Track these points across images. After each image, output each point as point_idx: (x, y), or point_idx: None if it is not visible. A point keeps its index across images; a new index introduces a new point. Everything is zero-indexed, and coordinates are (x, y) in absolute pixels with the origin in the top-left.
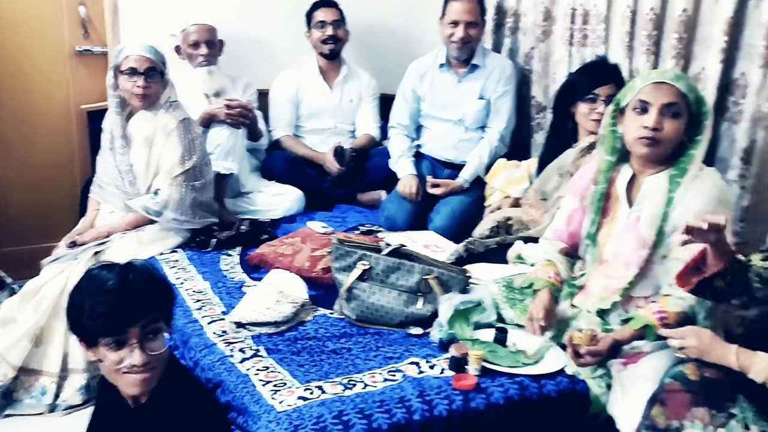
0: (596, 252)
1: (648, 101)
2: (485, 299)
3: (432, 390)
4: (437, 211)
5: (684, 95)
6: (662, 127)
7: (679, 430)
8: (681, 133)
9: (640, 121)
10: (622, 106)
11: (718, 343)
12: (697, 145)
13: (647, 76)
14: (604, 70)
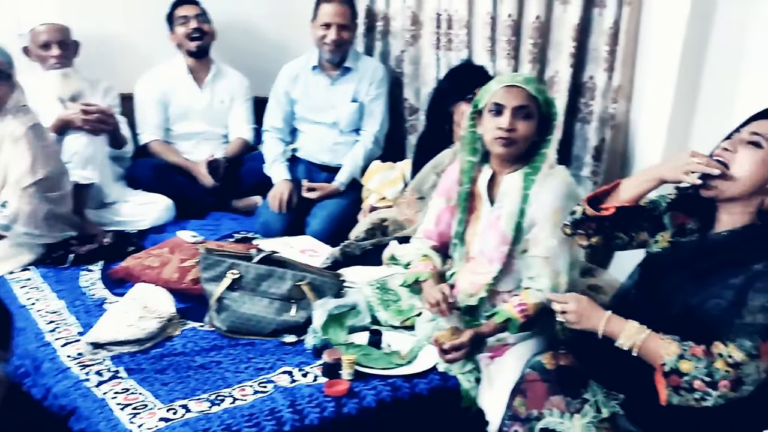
0: (464, 250)
1: (502, 104)
2: (359, 302)
3: (303, 399)
4: (314, 215)
5: (534, 98)
6: (516, 128)
7: (539, 419)
8: (533, 133)
9: (496, 122)
10: (480, 108)
11: (595, 309)
12: (548, 145)
13: (500, 80)
14: (477, 71)
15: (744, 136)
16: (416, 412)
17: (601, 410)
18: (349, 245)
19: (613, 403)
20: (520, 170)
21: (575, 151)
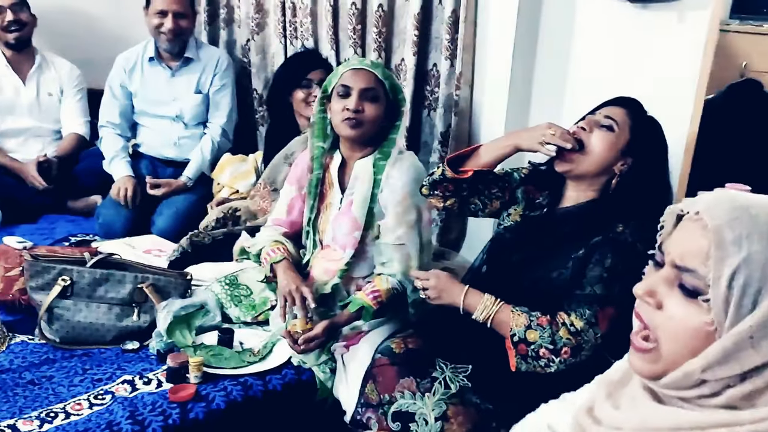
0: (317, 238)
1: (349, 86)
2: (208, 301)
3: (146, 408)
4: (160, 213)
5: (381, 82)
6: (363, 110)
7: (391, 403)
8: (380, 116)
9: (343, 103)
10: (329, 93)
11: (454, 285)
12: (397, 130)
13: (348, 64)
14: (311, 56)
15: (599, 119)
16: (270, 409)
17: (450, 386)
18: (198, 234)
19: (461, 377)
20: (370, 155)
21: (423, 138)
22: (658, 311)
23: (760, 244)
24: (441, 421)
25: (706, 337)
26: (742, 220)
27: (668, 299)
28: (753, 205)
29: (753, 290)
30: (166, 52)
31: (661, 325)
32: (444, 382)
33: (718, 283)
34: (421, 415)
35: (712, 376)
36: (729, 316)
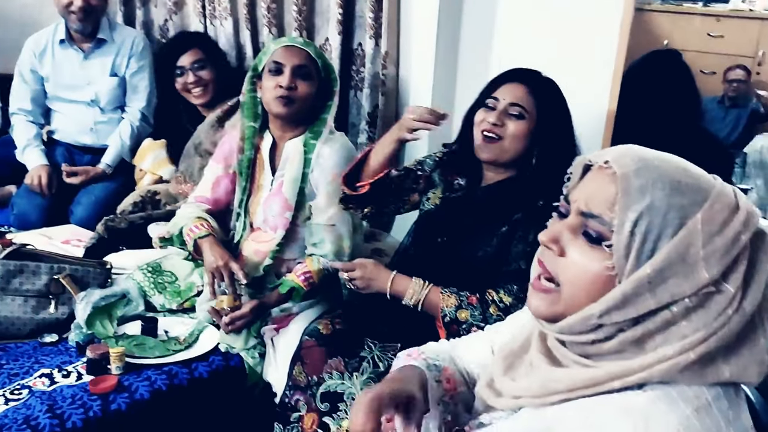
0: (247, 220)
1: (281, 62)
2: (130, 289)
3: (65, 401)
4: (78, 202)
5: (313, 60)
6: (296, 87)
7: (320, 384)
8: (313, 94)
9: (276, 81)
10: (259, 72)
11: (381, 272)
12: (329, 110)
13: (279, 41)
14: (178, 41)
15: (505, 108)
16: (197, 397)
17: (379, 365)
18: (114, 219)
19: (390, 355)
20: (301, 136)
21: (351, 119)
22: (561, 258)
23: (662, 192)
24: None
25: (606, 283)
26: (648, 169)
27: (571, 246)
28: (657, 158)
29: (653, 237)
30: (78, 33)
31: (562, 271)
32: (372, 361)
33: (621, 228)
34: (350, 395)
35: (608, 321)
36: (629, 262)
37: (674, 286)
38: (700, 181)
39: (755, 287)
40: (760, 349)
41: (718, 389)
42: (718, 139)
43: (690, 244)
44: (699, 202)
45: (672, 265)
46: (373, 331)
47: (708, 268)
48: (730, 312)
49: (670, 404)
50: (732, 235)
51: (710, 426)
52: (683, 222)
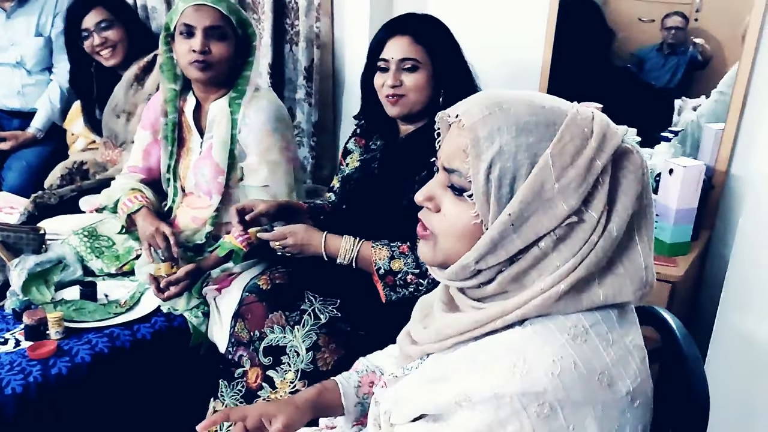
0: (178, 185)
1: (192, 24)
2: (66, 255)
3: (3, 368)
4: (9, 168)
5: (227, 17)
6: (210, 50)
7: (262, 339)
8: (230, 55)
9: (188, 44)
10: (171, 31)
11: (312, 235)
12: (250, 67)
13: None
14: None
15: (397, 65)
16: (141, 359)
17: (320, 317)
18: (43, 195)
19: (330, 308)
20: (225, 96)
21: (287, 74)
22: (437, 214)
23: (509, 135)
24: (312, 351)
25: (476, 231)
26: (494, 116)
27: (444, 201)
28: (506, 101)
29: (508, 180)
30: None
31: (438, 225)
32: (313, 314)
33: (477, 178)
34: (292, 348)
35: (485, 265)
36: (491, 208)
37: (536, 223)
38: (551, 115)
39: (621, 208)
40: (637, 267)
41: (596, 315)
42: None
43: (544, 181)
44: (548, 138)
45: (530, 204)
46: (313, 284)
47: (565, 201)
48: (596, 238)
49: (546, 336)
50: (585, 164)
51: (587, 351)
52: (534, 161)
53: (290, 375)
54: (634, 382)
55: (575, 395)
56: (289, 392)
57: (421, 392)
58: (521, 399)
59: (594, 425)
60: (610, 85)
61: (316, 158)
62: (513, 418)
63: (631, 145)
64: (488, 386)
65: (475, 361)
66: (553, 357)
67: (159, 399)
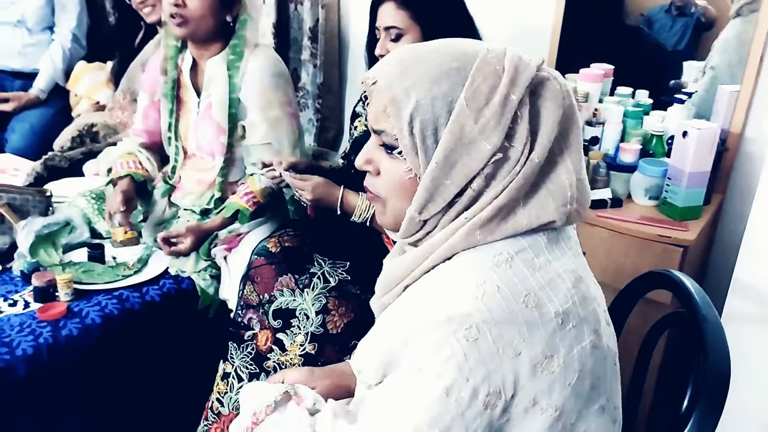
0: (179, 144)
1: None
2: (74, 217)
3: (13, 329)
4: (12, 130)
5: None
6: (184, 4)
7: (271, 302)
8: (210, 10)
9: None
10: None
11: (331, 189)
12: (244, 25)
13: None
14: None
15: (386, 35)
16: (150, 321)
17: (329, 280)
18: (53, 157)
19: (340, 271)
20: (222, 53)
21: (292, 34)
22: (378, 177)
23: (423, 88)
24: (322, 315)
25: (413, 185)
26: (407, 73)
27: (381, 162)
28: (417, 55)
29: (430, 131)
30: None
31: (381, 187)
32: (323, 277)
33: (401, 134)
34: (302, 311)
35: (428, 214)
36: (420, 160)
37: (463, 166)
38: (461, 61)
39: (543, 135)
40: (561, 187)
41: (522, 242)
42: (663, 45)
43: (462, 125)
44: (460, 83)
45: (454, 150)
46: (322, 247)
47: (487, 140)
48: (519, 167)
49: (471, 265)
50: (500, 101)
51: (511, 276)
52: (451, 107)
53: (300, 338)
54: (564, 304)
55: (500, 317)
56: (299, 355)
57: (376, 343)
58: (449, 324)
59: (522, 346)
60: (621, 45)
61: (321, 120)
62: (444, 344)
63: (547, 72)
64: (422, 319)
65: (412, 299)
66: (476, 282)
67: (169, 360)
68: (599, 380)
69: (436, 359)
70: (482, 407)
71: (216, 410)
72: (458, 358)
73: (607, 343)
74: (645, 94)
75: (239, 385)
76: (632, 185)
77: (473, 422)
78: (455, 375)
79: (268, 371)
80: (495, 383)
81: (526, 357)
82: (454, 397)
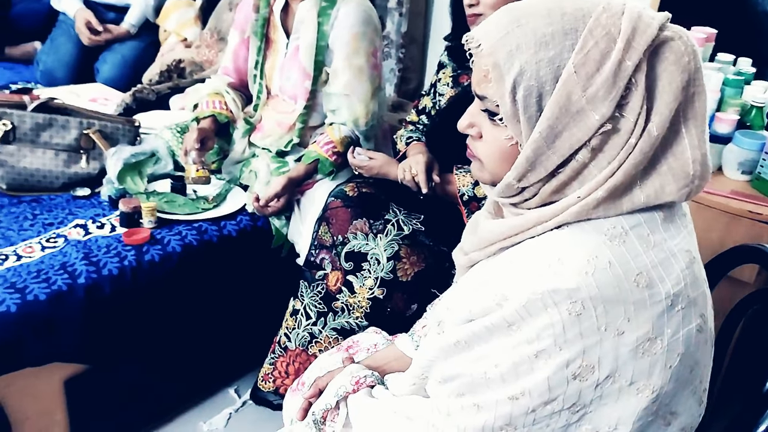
0: (263, 83)
1: None
2: (159, 148)
3: (100, 250)
4: (104, 61)
5: None
6: None
7: (344, 244)
8: None
9: None
10: None
11: (390, 168)
12: None
13: None
14: None
15: None
16: (226, 254)
17: (403, 228)
18: (142, 90)
19: (414, 221)
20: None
21: None
22: (480, 140)
23: (528, 53)
24: (393, 261)
25: (514, 152)
26: (511, 35)
27: (483, 126)
28: (524, 15)
29: (535, 98)
30: None
31: (481, 151)
32: (397, 224)
33: (503, 101)
34: (374, 255)
35: (527, 183)
36: (522, 128)
37: (569, 137)
38: (571, 21)
39: (661, 104)
40: (683, 162)
41: (638, 217)
42: None
43: (569, 94)
44: (569, 48)
45: (559, 119)
46: (398, 197)
47: (596, 110)
48: (634, 141)
49: (581, 237)
50: (613, 68)
51: (624, 253)
52: (557, 74)
53: (369, 281)
54: (676, 285)
55: (608, 295)
56: (368, 298)
57: (466, 297)
58: (552, 295)
59: (626, 326)
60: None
61: (403, 71)
62: (543, 313)
63: (672, 31)
64: (523, 285)
65: (512, 263)
66: (587, 257)
67: (241, 293)
68: (697, 364)
69: (532, 325)
70: (570, 376)
71: (283, 344)
72: (556, 329)
73: (710, 326)
74: (748, 62)
75: (307, 322)
76: (725, 158)
77: (558, 388)
78: (549, 342)
79: (336, 311)
80: (590, 359)
81: (629, 337)
82: (542, 360)
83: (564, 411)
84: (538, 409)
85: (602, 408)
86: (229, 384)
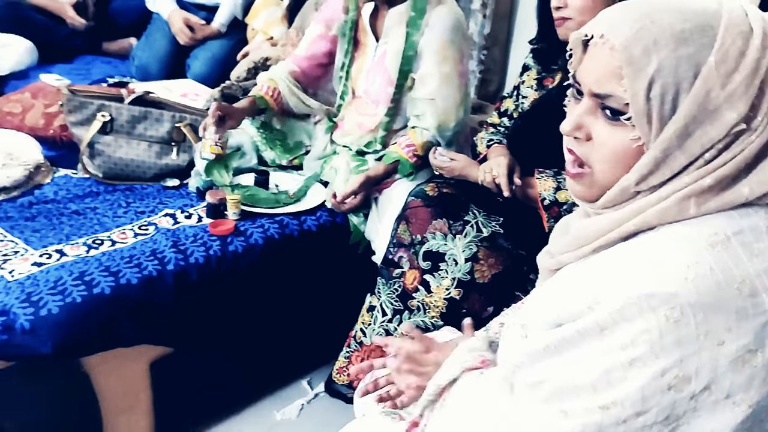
0: (349, 85)
1: None
2: (245, 143)
3: (188, 239)
4: (195, 57)
5: None
6: None
7: (423, 243)
8: None
9: None
10: None
11: (471, 171)
12: None
13: None
14: None
15: None
16: (305, 248)
17: (482, 230)
18: (230, 86)
19: (494, 224)
20: (404, 4)
21: None
22: (588, 142)
23: (667, 49)
24: (471, 262)
25: (635, 154)
26: (646, 30)
27: (594, 128)
28: (654, 10)
29: (670, 97)
30: None
31: (592, 155)
32: (476, 226)
33: (636, 99)
34: (452, 256)
35: (645, 186)
36: (653, 128)
37: (701, 136)
38: (704, 18)
39: None
40: None
41: (741, 222)
42: None
43: (709, 91)
44: (708, 45)
45: (696, 118)
46: (478, 199)
47: (733, 108)
48: (754, 137)
49: (681, 241)
50: (751, 66)
51: (726, 260)
52: (697, 71)
53: (446, 282)
54: None
55: (709, 302)
56: (444, 298)
57: (554, 301)
58: (649, 300)
59: (727, 336)
60: None
61: (484, 72)
62: (639, 318)
63: None
64: (618, 288)
65: (605, 266)
66: (687, 262)
67: (320, 286)
68: None
69: (626, 330)
70: (666, 387)
71: (359, 339)
72: (652, 335)
73: None
74: None
75: (383, 319)
76: None
77: (652, 399)
78: (644, 349)
79: (411, 309)
80: (687, 369)
81: (729, 348)
82: (637, 368)
83: (656, 424)
84: (630, 421)
85: (695, 420)
86: (303, 376)
